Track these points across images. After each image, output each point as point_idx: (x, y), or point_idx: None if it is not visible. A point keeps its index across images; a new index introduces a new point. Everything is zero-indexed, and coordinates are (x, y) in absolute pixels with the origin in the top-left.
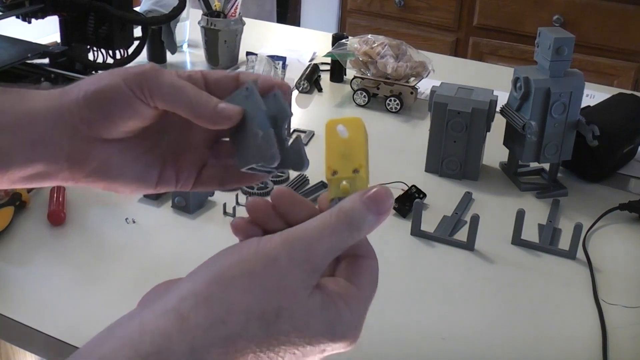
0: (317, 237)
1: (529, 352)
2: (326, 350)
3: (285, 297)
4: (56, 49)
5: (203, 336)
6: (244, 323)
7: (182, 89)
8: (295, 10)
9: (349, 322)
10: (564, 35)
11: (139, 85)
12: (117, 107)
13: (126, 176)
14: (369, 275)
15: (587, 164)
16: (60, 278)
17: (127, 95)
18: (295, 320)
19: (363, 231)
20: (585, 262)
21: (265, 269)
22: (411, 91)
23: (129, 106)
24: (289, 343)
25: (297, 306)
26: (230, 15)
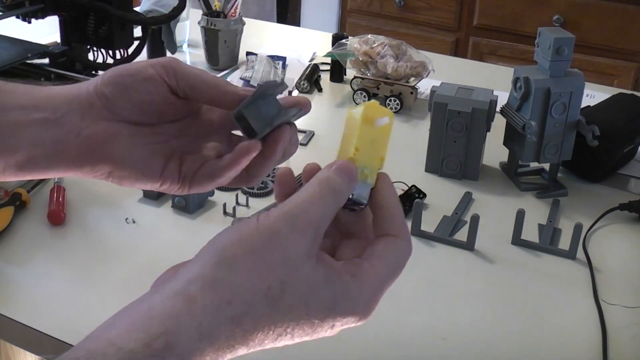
0: (310, 204)
1: (529, 352)
2: (335, 325)
3: (288, 271)
4: (56, 49)
5: (211, 317)
6: (250, 301)
7: (206, 72)
8: (295, 10)
9: (356, 296)
10: (564, 35)
11: (164, 67)
12: (137, 80)
13: (131, 159)
14: (388, 252)
15: (587, 164)
16: (60, 278)
17: (150, 73)
18: (300, 293)
19: (342, 195)
20: (585, 262)
21: (266, 243)
22: (411, 91)
23: (150, 82)
24: (296, 318)
25: (301, 278)
26: (230, 15)
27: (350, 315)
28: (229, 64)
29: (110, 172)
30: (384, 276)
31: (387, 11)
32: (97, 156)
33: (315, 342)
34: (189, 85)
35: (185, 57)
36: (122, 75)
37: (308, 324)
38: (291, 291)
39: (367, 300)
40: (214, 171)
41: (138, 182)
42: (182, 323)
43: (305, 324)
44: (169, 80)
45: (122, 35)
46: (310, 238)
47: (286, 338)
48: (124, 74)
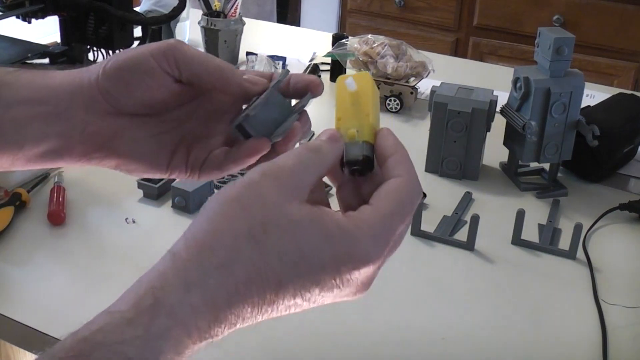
0: (286, 157)
1: (529, 352)
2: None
3: (267, 211)
4: (56, 49)
5: (195, 267)
6: (233, 245)
7: (210, 57)
8: (295, 10)
9: (355, 234)
10: (564, 35)
11: (165, 55)
12: (138, 76)
13: (138, 153)
14: (391, 191)
15: (587, 164)
16: (60, 278)
17: (151, 65)
18: (285, 232)
19: (324, 153)
20: (585, 262)
21: (242, 192)
22: (411, 91)
23: (148, 74)
24: (288, 260)
25: (283, 218)
26: (230, 15)
27: (358, 259)
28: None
29: (117, 165)
30: (389, 213)
31: (387, 11)
32: (104, 152)
33: (315, 340)
34: (191, 73)
35: None
36: (121, 69)
37: (310, 272)
38: (274, 230)
39: (373, 239)
40: (220, 163)
41: (146, 173)
42: (167, 277)
43: (306, 273)
44: (171, 70)
45: (122, 35)
46: (288, 185)
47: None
48: (123, 67)
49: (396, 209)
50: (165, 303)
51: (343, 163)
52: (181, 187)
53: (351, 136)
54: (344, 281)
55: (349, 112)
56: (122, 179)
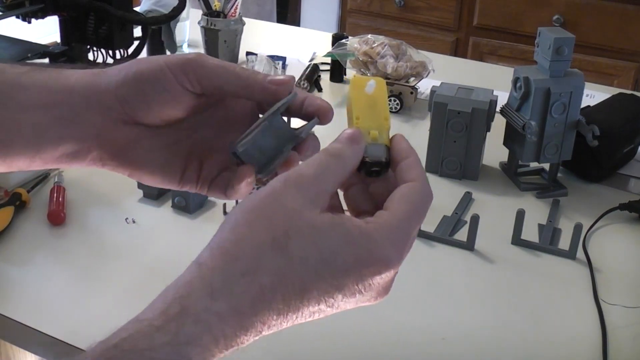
0: (307, 165)
1: (529, 352)
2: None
3: (290, 219)
4: (56, 49)
5: (220, 276)
6: (257, 255)
7: (229, 67)
8: (295, 10)
9: (375, 238)
10: (564, 35)
11: (183, 70)
12: (156, 91)
13: (152, 164)
14: (404, 195)
15: (587, 164)
16: (60, 278)
17: (169, 80)
18: (307, 238)
19: (348, 158)
20: (585, 262)
21: (264, 201)
22: (411, 91)
23: (169, 91)
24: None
25: (305, 224)
26: (230, 15)
27: (380, 263)
28: None
29: (130, 175)
30: (406, 217)
31: (387, 11)
32: (117, 161)
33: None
34: (212, 86)
35: None
36: (140, 82)
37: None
38: (297, 237)
39: (393, 243)
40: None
41: (159, 184)
42: (193, 286)
43: (330, 278)
44: (191, 87)
45: (122, 35)
46: (311, 192)
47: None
48: (142, 81)
49: (412, 212)
50: (192, 311)
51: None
52: None
53: (374, 137)
54: (366, 286)
55: (366, 113)
56: (122, 179)
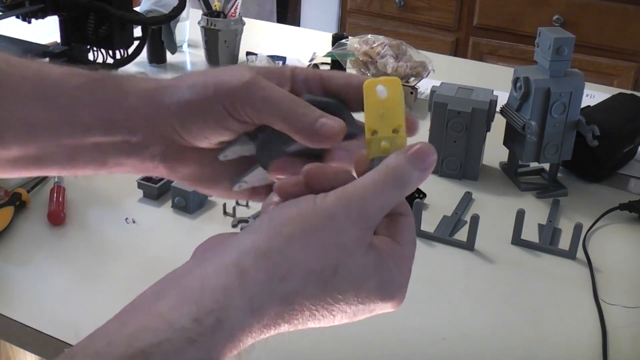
0: (370, 195)
1: (529, 352)
2: (375, 310)
3: (342, 255)
4: (56, 49)
5: (262, 293)
6: (303, 281)
7: (278, 102)
8: (295, 10)
9: (398, 282)
10: (564, 35)
11: (232, 102)
12: (209, 123)
13: (219, 184)
14: (409, 232)
15: (587, 164)
16: (60, 278)
17: (220, 113)
18: (352, 279)
19: (410, 187)
20: (585, 262)
21: (323, 225)
22: (411, 91)
23: (221, 123)
24: (344, 302)
25: (354, 264)
26: (230, 15)
27: (392, 301)
28: (229, 64)
29: (201, 190)
30: (411, 258)
31: (387, 11)
32: (188, 182)
33: (315, 342)
34: (259, 119)
35: (185, 57)
36: (191, 109)
37: (352, 307)
38: (344, 275)
39: (403, 284)
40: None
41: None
42: (235, 298)
43: (349, 307)
44: (240, 117)
45: (122, 35)
46: (363, 229)
47: (327, 320)
48: (192, 108)
49: (414, 251)
50: (228, 326)
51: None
52: (181, 187)
53: (385, 150)
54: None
55: (380, 122)
56: (122, 179)
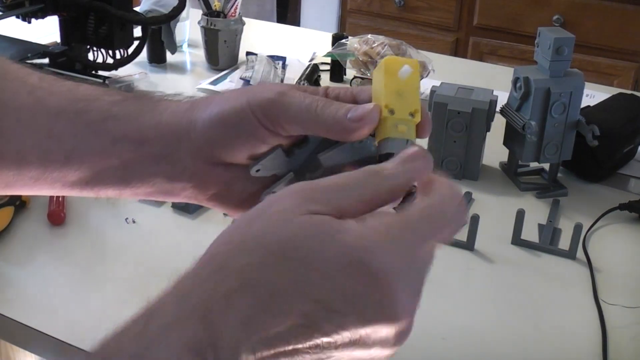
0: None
1: (529, 352)
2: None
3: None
4: (56, 49)
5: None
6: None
7: (311, 105)
8: (295, 10)
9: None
10: (564, 35)
11: (265, 113)
12: (240, 135)
13: (245, 203)
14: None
15: (587, 164)
16: (60, 278)
17: (252, 123)
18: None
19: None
20: (585, 262)
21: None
22: None
23: (253, 134)
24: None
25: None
26: (230, 15)
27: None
28: (229, 64)
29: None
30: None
31: (387, 11)
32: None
33: None
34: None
35: (185, 57)
36: (224, 124)
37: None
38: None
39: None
40: None
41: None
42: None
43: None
44: (274, 129)
45: (122, 35)
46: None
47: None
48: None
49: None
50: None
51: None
52: None
53: (401, 132)
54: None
55: (397, 102)
56: None
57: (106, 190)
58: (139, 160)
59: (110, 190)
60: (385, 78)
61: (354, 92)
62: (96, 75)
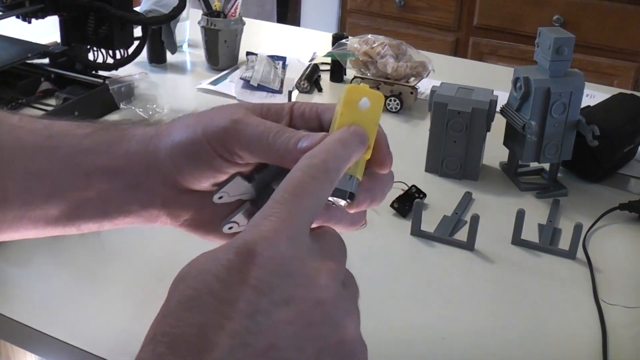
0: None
1: (529, 352)
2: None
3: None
4: (56, 49)
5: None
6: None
7: (262, 135)
8: (295, 10)
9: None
10: (564, 35)
11: (221, 143)
12: (199, 164)
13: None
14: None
15: (587, 164)
16: (60, 278)
17: (209, 153)
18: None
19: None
20: (585, 262)
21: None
22: (411, 91)
23: (210, 164)
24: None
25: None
26: (230, 15)
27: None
28: (229, 64)
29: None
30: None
31: (387, 11)
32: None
33: None
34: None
35: (185, 57)
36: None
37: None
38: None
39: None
40: None
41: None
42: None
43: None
44: (231, 158)
45: (122, 35)
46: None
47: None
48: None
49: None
50: None
51: None
52: None
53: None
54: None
55: None
56: None
57: (87, 224)
58: (114, 191)
59: (91, 223)
60: (343, 107)
61: (319, 110)
62: (96, 75)
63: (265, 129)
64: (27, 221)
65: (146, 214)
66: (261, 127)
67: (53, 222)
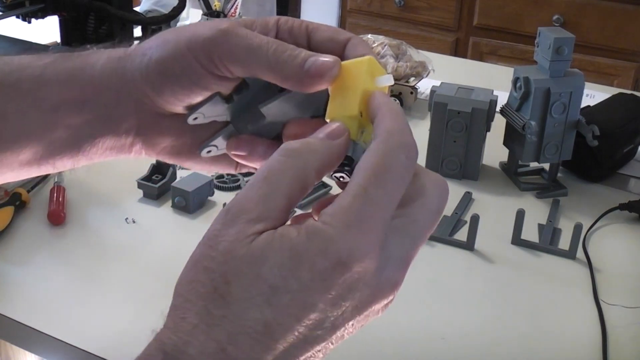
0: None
1: (529, 352)
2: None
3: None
4: (56, 49)
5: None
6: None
7: (260, 48)
8: (295, 10)
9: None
10: (564, 35)
11: (208, 55)
12: (181, 83)
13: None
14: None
15: (587, 164)
16: (60, 278)
17: (194, 69)
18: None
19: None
20: (585, 262)
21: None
22: (411, 91)
23: (196, 82)
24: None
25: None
26: (230, 15)
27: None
28: None
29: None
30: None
31: (387, 11)
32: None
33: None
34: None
35: None
36: (163, 70)
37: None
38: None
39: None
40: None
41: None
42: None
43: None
44: (219, 72)
45: (122, 35)
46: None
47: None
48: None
49: (369, 178)
50: None
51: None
52: (181, 187)
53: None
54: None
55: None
56: (122, 179)
57: (62, 161)
58: (85, 124)
59: (66, 159)
60: (366, 77)
61: (309, 28)
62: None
63: (262, 43)
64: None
65: (119, 144)
66: (257, 40)
67: (27, 164)
